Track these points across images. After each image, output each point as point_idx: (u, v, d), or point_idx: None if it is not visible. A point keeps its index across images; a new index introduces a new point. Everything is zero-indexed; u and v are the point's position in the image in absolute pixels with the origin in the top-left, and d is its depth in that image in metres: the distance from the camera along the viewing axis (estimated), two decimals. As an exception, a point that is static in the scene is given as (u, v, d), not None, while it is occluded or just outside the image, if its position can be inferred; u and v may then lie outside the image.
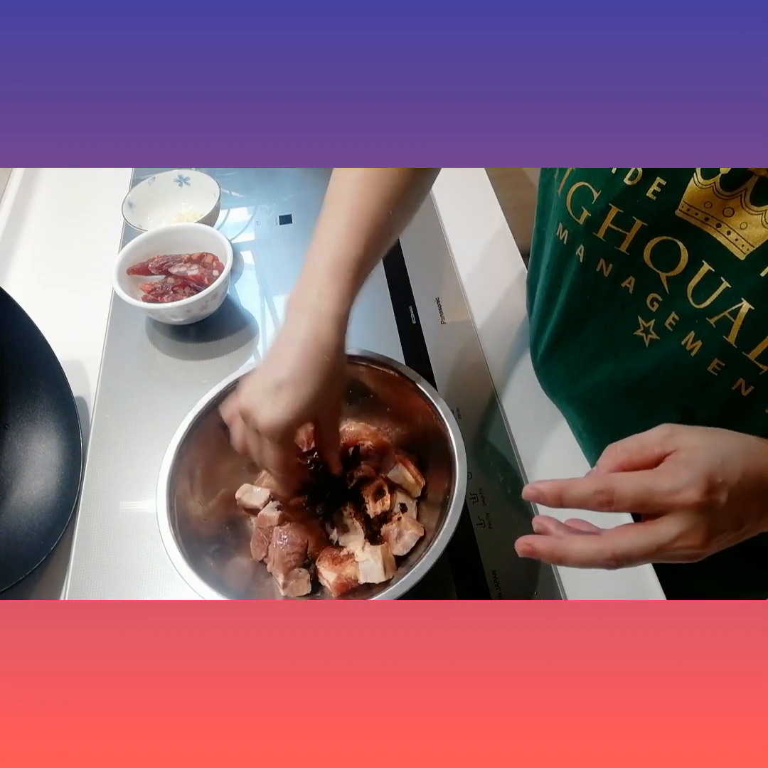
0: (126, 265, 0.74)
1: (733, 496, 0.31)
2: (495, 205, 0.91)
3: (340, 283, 0.44)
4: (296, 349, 0.43)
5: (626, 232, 0.43)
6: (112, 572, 0.58)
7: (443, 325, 0.76)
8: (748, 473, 0.32)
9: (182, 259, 0.76)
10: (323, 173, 0.97)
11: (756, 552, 0.61)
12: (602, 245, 0.45)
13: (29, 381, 0.64)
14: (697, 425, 0.37)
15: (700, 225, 0.39)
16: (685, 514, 0.31)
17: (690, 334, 0.42)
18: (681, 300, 0.42)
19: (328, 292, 0.44)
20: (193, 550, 0.48)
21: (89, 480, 0.64)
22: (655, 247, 0.43)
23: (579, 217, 0.46)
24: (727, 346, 0.39)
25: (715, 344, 0.40)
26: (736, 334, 0.38)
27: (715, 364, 0.41)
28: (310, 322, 0.43)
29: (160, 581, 0.57)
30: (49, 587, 0.58)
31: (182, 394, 0.71)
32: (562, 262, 0.53)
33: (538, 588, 0.56)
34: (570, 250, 0.50)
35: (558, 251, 0.52)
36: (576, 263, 0.50)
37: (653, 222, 0.41)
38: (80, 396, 0.70)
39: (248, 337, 0.76)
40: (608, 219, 0.43)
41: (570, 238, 0.49)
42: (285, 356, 0.43)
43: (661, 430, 0.34)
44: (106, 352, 0.75)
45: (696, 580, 0.60)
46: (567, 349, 0.59)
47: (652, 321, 0.46)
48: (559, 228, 0.50)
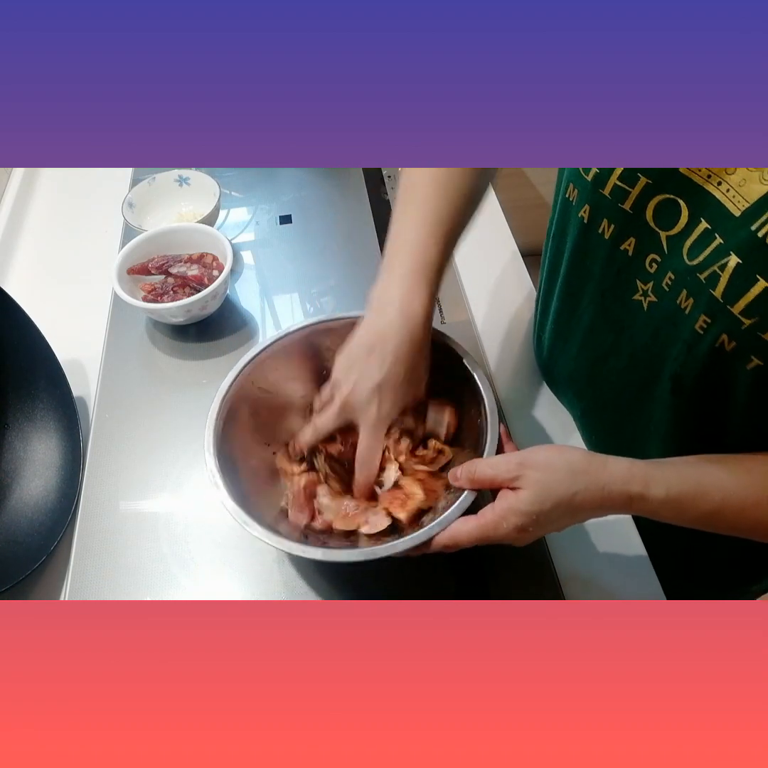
0: (126, 265, 0.74)
1: (541, 522, 0.42)
2: (495, 205, 0.91)
3: (426, 285, 0.49)
4: (392, 351, 0.48)
5: (631, 189, 0.44)
6: (112, 572, 0.58)
7: (443, 325, 0.76)
8: (561, 503, 0.42)
9: (182, 259, 0.76)
10: (323, 173, 0.98)
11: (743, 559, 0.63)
12: (607, 203, 0.46)
13: (29, 381, 0.64)
14: (685, 392, 0.47)
15: (702, 183, 0.40)
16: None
17: (683, 292, 0.43)
18: (677, 258, 0.43)
19: (417, 293, 0.48)
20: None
21: (89, 480, 0.64)
22: (657, 205, 0.43)
23: (588, 174, 0.47)
24: (714, 301, 0.40)
25: (704, 300, 0.41)
26: (723, 287, 0.39)
27: (702, 321, 0.42)
28: (402, 323, 0.48)
29: (160, 581, 0.57)
30: (49, 587, 0.58)
31: (182, 394, 0.71)
32: (566, 227, 0.53)
33: (538, 588, 0.56)
34: (575, 211, 0.51)
35: (564, 214, 0.53)
36: (579, 225, 0.51)
37: (657, 179, 0.42)
38: (80, 396, 0.70)
39: (248, 337, 0.76)
40: (615, 175, 0.44)
41: (578, 197, 0.50)
42: (382, 356, 0.48)
43: (509, 467, 0.43)
44: (106, 352, 0.75)
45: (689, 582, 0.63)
46: (566, 324, 0.60)
47: (650, 283, 0.47)
48: (569, 188, 0.51)
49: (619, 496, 0.42)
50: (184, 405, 0.70)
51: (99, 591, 0.57)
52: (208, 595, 0.57)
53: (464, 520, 0.44)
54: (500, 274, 0.82)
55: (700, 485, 0.42)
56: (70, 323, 0.77)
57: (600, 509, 0.43)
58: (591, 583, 0.56)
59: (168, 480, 0.64)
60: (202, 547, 0.59)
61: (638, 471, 0.42)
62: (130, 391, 0.71)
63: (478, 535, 0.43)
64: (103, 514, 0.62)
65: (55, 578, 0.58)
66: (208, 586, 0.57)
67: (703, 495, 0.41)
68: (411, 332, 0.48)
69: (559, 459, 0.43)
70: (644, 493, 0.41)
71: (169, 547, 0.59)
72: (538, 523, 0.42)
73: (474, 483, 0.45)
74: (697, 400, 0.47)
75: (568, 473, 0.42)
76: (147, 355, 0.75)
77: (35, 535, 0.58)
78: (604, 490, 0.42)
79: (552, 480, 0.42)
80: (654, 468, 0.43)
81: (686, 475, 0.42)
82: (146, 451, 0.66)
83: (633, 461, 0.43)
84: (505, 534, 0.42)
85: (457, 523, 0.44)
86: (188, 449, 0.66)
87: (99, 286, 0.81)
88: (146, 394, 0.71)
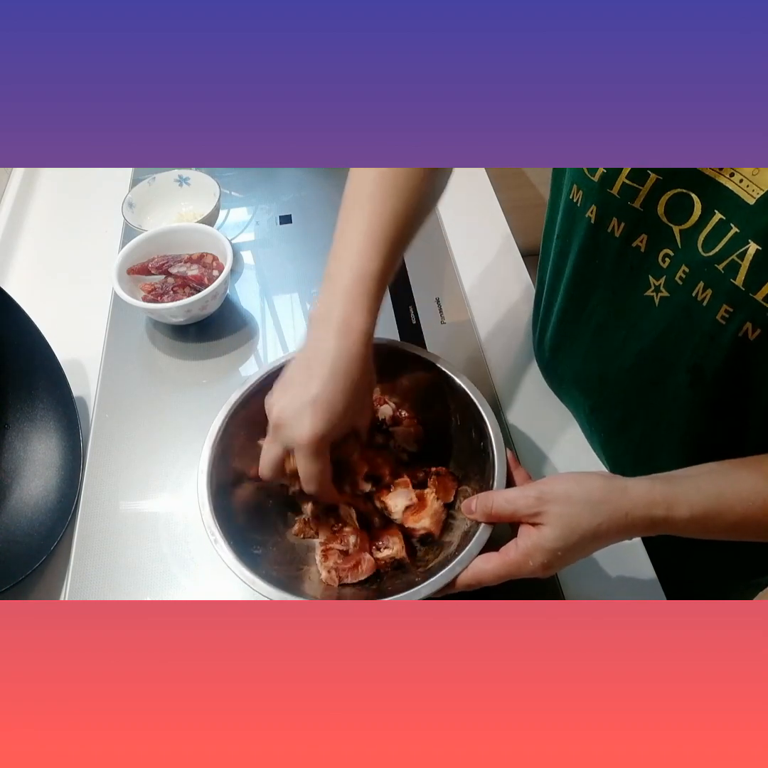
0: (126, 265, 0.74)
1: (567, 556, 0.42)
2: (495, 205, 0.91)
3: (366, 299, 0.46)
4: (328, 365, 0.44)
5: (640, 187, 0.44)
6: (112, 572, 0.58)
7: (443, 325, 0.76)
8: (585, 536, 0.41)
9: (182, 259, 0.76)
10: (323, 173, 0.98)
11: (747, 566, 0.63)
12: (616, 202, 0.46)
13: (29, 381, 0.64)
14: (704, 385, 0.46)
15: (714, 175, 0.40)
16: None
17: (699, 285, 0.43)
18: (692, 251, 0.43)
19: (355, 307, 0.46)
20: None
21: (89, 480, 0.64)
22: (669, 201, 0.43)
23: (594, 175, 0.46)
24: (735, 290, 0.40)
25: (724, 289, 0.41)
26: (744, 275, 0.39)
27: (724, 311, 0.42)
28: (340, 337, 0.45)
29: (160, 581, 0.57)
30: (49, 587, 0.58)
31: (182, 394, 0.71)
32: (573, 227, 0.53)
33: (538, 588, 0.56)
34: (581, 212, 0.50)
35: (568, 215, 0.53)
36: (587, 225, 0.50)
37: (667, 174, 0.42)
38: (80, 396, 0.70)
39: (248, 337, 0.76)
40: (623, 174, 0.44)
41: (583, 198, 0.49)
42: (317, 372, 0.44)
43: (528, 503, 0.42)
44: (106, 352, 0.75)
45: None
46: (573, 323, 0.60)
47: (662, 278, 0.46)
48: (573, 190, 0.50)
49: (642, 521, 0.41)
50: (184, 405, 0.70)
51: (99, 591, 0.57)
52: (208, 595, 0.57)
53: (486, 558, 0.43)
54: (500, 274, 0.82)
55: (722, 498, 0.41)
56: (70, 323, 0.77)
57: (624, 534, 0.42)
58: (591, 583, 0.56)
59: (168, 480, 0.64)
60: (202, 547, 0.59)
61: (659, 493, 0.41)
62: (130, 391, 0.71)
63: (503, 575, 0.43)
64: (103, 514, 0.62)
65: (55, 578, 0.58)
66: (208, 586, 0.57)
67: (727, 510, 0.41)
68: (349, 347, 0.45)
69: (579, 490, 0.42)
70: (668, 516, 0.41)
71: (169, 547, 0.59)
72: (563, 558, 0.42)
73: (491, 518, 0.45)
74: (719, 392, 0.47)
75: (588, 504, 0.41)
76: (147, 355, 0.75)
77: (35, 535, 0.58)
78: (627, 517, 0.41)
79: (574, 514, 0.41)
80: (674, 486, 0.42)
81: (707, 490, 0.42)
82: (146, 451, 0.66)
83: (653, 482, 0.42)
84: (531, 571, 0.42)
85: (479, 561, 0.43)
86: (188, 449, 0.66)
87: (99, 286, 0.81)
88: (146, 394, 0.71)
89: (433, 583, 0.43)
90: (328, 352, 0.44)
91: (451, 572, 0.43)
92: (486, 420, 0.50)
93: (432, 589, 0.43)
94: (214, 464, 0.50)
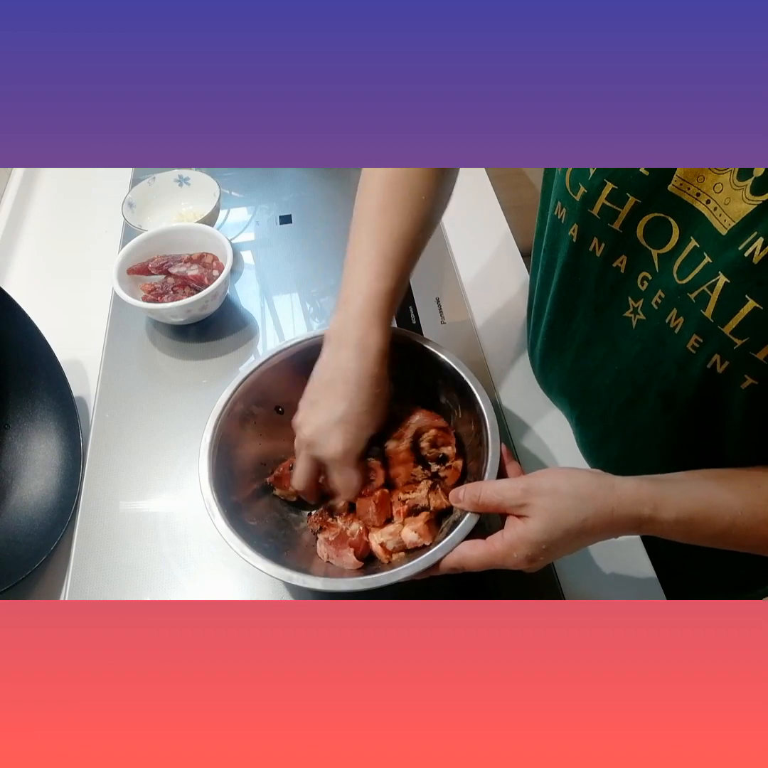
0: (126, 265, 0.74)
1: (551, 550, 0.42)
2: (495, 205, 0.91)
3: (380, 318, 0.49)
4: (352, 385, 0.48)
5: (620, 209, 0.44)
6: (112, 572, 0.58)
7: (443, 325, 0.76)
8: (570, 530, 0.41)
9: (182, 259, 0.76)
10: (323, 173, 0.98)
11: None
12: (596, 223, 0.46)
13: (29, 381, 0.64)
14: (676, 410, 0.47)
15: (692, 201, 0.40)
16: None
17: (673, 311, 0.43)
18: (668, 277, 0.43)
19: (371, 326, 0.49)
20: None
21: (89, 480, 0.64)
22: (647, 224, 0.43)
23: (576, 194, 0.46)
24: (704, 321, 0.40)
25: (694, 319, 0.41)
26: (713, 308, 0.39)
27: (694, 341, 0.42)
28: (359, 358, 0.48)
29: (160, 581, 0.57)
30: (49, 587, 0.58)
31: (182, 394, 0.71)
32: (557, 243, 0.53)
33: (538, 588, 0.56)
34: (564, 229, 0.50)
35: (554, 231, 0.53)
36: (569, 243, 0.50)
37: (646, 198, 0.42)
38: (80, 396, 0.70)
39: (248, 337, 0.76)
40: (603, 195, 0.44)
41: (566, 216, 0.49)
42: (342, 391, 0.48)
43: (515, 494, 0.43)
44: (106, 352, 0.75)
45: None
46: (560, 336, 0.60)
47: (641, 300, 0.47)
48: (557, 206, 0.50)
49: (629, 519, 0.41)
50: (184, 405, 0.70)
51: (99, 591, 0.57)
52: (208, 595, 0.57)
53: (472, 545, 0.44)
54: (500, 274, 0.82)
55: (710, 506, 0.41)
56: (70, 323, 0.77)
57: (609, 532, 0.42)
58: (591, 583, 0.56)
59: (168, 480, 0.64)
60: (202, 547, 0.59)
61: (646, 493, 0.41)
62: (130, 391, 0.71)
63: (486, 563, 0.43)
64: (103, 514, 0.62)
65: (55, 578, 0.58)
66: (208, 586, 0.57)
67: (714, 516, 0.41)
68: (368, 367, 0.48)
69: (566, 484, 0.42)
70: (654, 516, 0.41)
71: (169, 547, 0.59)
72: (548, 551, 0.42)
73: (478, 507, 0.45)
74: (691, 418, 0.47)
75: (575, 499, 0.42)
76: (147, 355, 0.75)
77: (35, 535, 0.58)
78: (614, 514, 0.41)
79: (560, 508, 0.41)
80: (662, 488, 0.42)
81: (695, 495, 0.42)
82: (146, 451, 0.66)
83: (641, 481, 0.42)
84: (515, 564, 0.42)
85: (465, 546, 0.44)
86: (188, 449, 0.66)
87: (99, 286, 0.81)
88: (146, 394, 0.71)
89: (414, 566, 0.44)
90: (350, 372, 0.48)
91: (432, 556, 0.44)
92: (481, 404, 0.51)
93: (413, 571, 0.44)
94: (218, 434, 0.52)
